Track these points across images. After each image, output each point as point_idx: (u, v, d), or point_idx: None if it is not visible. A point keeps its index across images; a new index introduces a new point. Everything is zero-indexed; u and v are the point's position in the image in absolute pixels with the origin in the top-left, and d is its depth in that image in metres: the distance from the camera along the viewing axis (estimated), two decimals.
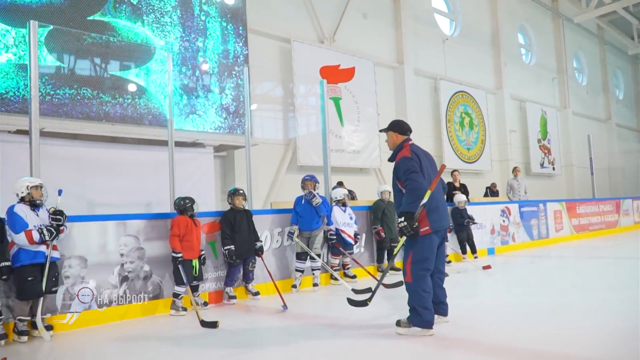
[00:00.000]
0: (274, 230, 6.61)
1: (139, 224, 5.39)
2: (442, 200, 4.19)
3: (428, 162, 4.13)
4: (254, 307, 5.69)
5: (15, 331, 4.38)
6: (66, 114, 7.50)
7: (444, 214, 4.12)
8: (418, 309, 3.94)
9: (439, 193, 4.12)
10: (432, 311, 3.98)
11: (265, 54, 11.83)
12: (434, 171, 4.18)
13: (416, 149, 4.16)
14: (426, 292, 3.96)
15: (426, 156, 4.19)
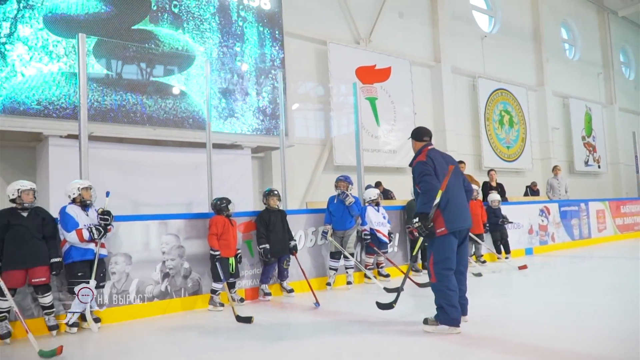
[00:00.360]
0: (308, 229, 6.80)
1: (179, 224, 5.68)
2: (461, 201, 4.21)
3: (447, 165, 4.19)
4: (287, 303, 5.90)
5: (67, 323, 4.72)
6: (112, 119, 7.93)
7: (463, 215, 4.16)
8: (445, 307, 4.06)
9: (457, 194, 4.18)
10: (458, 309, 4.08)
11: (301, 56, 12.06)
12: (456, 176, 4.24)
13: (433, 153, 4.25)
14: (451, 291, 4.06)
15: (445, 159, 4.27)
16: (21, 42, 7.26)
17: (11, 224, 4.41)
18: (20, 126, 7.19)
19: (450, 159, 4.36)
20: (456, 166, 4.30)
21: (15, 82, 7.21)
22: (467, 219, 4.21)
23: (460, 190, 4.26)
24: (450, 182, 4.10)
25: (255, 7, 9.87)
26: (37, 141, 7.90)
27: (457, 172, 4.31)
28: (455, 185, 4.18)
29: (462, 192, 4.27)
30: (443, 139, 14.94)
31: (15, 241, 4.38)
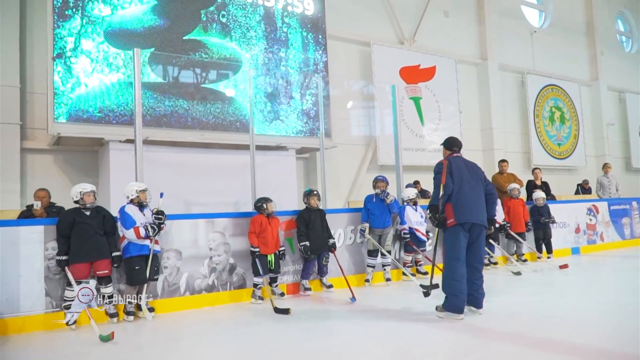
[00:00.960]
0: (347, 228, 7.09)
1: (225, 222, 6.11)
2: (473, 198, 4.68)
3: (467, 170, 4.78)
4: (326, 298, 6.22)
5: (125, 311, 5.23)
6: (166, 124, 8.50)
7: (475, 210, 4.65)
8: (448, 296, 4.61)
9: (470, 192, 4.68)
10: (461, 297, 4.56)
11: (345, 58, 12.33)
12: (476, 180, 4.78)
13: (455, 159, 4.86)
14: (455, 280, 4.56)
15: (466, 165, 4.83)
16: (84, 55, 7.93)
17: (76, 222, 4.95)
18: (83, 132, 7.86)
19: (474, 167, 4.90)
20: (478, 171, 4.89)
21: (80, 92, 7.89)
22: (478, 215, 4.66)
23: (475, 189, 4.73)
24: (464, 180, 4.68)
25: (299, 13, 10.24)
26: (99, 145, 8.57)
27: (477, 175, 4.85)
28: (470, 184, 4.70)
29: (477, 192, 4.74)
30: (490, 137, 14.83)
31: (80, 237, 4.92)
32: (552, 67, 16.87)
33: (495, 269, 7.97)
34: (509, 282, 6.88)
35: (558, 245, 9.38)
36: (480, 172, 4.94)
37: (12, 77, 8.41)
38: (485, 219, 4.74)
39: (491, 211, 4.91)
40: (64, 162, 8.94)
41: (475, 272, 4.75)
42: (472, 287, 4.73)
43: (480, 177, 4.87)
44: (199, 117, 8.82)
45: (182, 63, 8.75)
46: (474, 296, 4.73)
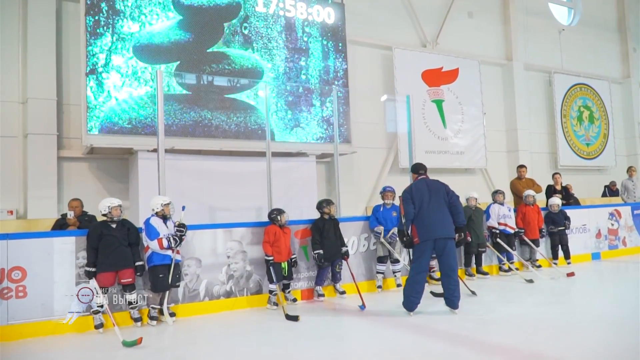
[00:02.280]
0: (360, 235, 7.36)
1: (242, 231, 6.48)
2: (436, 215, 5.48)
3: (429, 190, 5.59)
4: (339, 304, 6.52)
5: (149, 316, 5.66)
6: (191, 134, 8.94)
7: (435, 227, 5.44)
8: (405, 297, 5.59)
9: (430, 212, 5.47)
10: (411, 299, 5.50)
11: (366, 63, 12.54)
12: (438, 197, 5.55)
13: (417, 184, 5.72)
14: (410, 285, 5.53)
15: (428, 186, 5.64)
16: (114, 70, 8.42)
17: (104, 234, 5.40)
18: (114, 143, 8.37)
19: (436, 185, 5.67)
20: (440, 188, 5.64)
21: (111, 106, 8.39)
22: (439, 231, 5.44)
23: (436, 207, 5.49)
24: (424, 201, 5.51)
25: (319, 22, 10.51)
26: (129, 154, 9.08)
27: (438, 193, 5.60)
28: (431, 203, 5.50)
29: (438, 209, 5.49)
30: (514, 138, 14.78)
31: (107, 248, 5.36)
32: (581, 66, 16.62)
33: (507, 277, 8.09)
34: (519, 290, 7.02)
35: (578, 251, 9.41)
36: (443, 188, 5.65)
37: (49, 91, 9.01)
38: (449, 231, 5.48)
39: (458, 220, 5.60)
40: (97, 170, 9.51)
41: (449, 279, 5.49)
42: (447, 291, 5.51)
43: (442, 194, 5.58)
44: (222, 126, 9.22)
45: (206, 74, 9.15)
46: (450, 299, 5.51)
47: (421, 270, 5.55)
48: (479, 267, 8.13)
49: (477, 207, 8.19)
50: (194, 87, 9.11)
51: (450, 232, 5.51)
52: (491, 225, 8.30)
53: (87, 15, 8.34)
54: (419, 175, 5.88)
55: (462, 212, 5.65)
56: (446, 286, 5.53)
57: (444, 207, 5.55)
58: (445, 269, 5.53)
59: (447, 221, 5.51)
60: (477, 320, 5.28)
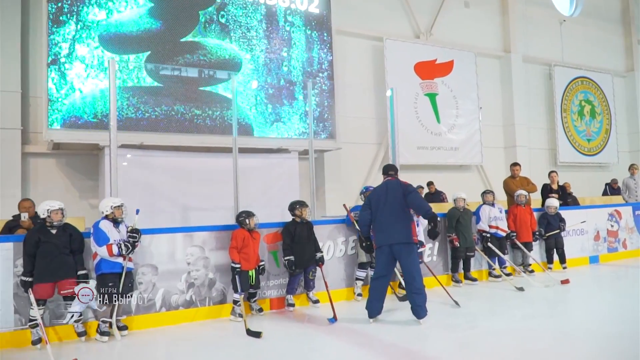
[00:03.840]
0: (337, 239, 6.82)
1: (204, 236, 5.95)
2: (390, 220, 5.27)
3: (387, 194, 5.37)
4: (310, 315, 5.98)
5: (98, 331, 5.12)
6: (163, 128, 8.41)
7: (390, 232, 5.24)
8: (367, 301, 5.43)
9: (385, 215, 5.29)
10: (370, 304, 5.35)
11: (355, 54, 11.98)
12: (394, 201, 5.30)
13: (379, 187, 5.58)
14: (370, 291, 5.41)
15: (387, 189, 5.41)
16: (79, 61, 7.89)
17: (41, 241, 4.87)
18: (77, 139, 7.86)
19: (395, 187, 5.39)
20: (398, 190, 5.35)
21: (74, 98, 7.86)
22: (393, 236, 5.23)
23: (392, 211, 5.27)
24: (380, 206, 5.34)
25: (303, 11, 9.94)
26: (99, 149, 8.56)
27: (395, 196, 5.32)
28: (386, 208, 5.31)
29: (394, 213, 5.26)
30: (512, 134, 14.21)
31: (45, 257, 4.83)
32: (583, 58, 16.01)
33: (497, 282, 7.55)
34: (508, 299, 6.49)
35: (575, 254, 8.86)
36: (400, 190, 5.35)
37: (13, 83, 8.49)
38: (404, 236, 5.21)
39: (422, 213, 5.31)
40: (66, 166, 9.00)
41: (409, 286, 5.24)
42: (409, 299, 5.27)
43: (399, 197, 5.31)
44: (197, 121, 8.69)
45: (179, 66, 8.61)
46: (413, 308, 5.22)
47: (380, 276, 5.37)
48: (467, 272, 7.60)
49: (465, 208, 7.62)
50: (166, 79, 8.57)
51: (405, 237, 5.25)
52: (481, 228, 7.75)
53: (50, 2, 7.79)
54: (387, 176, 5.64)
55: (422, 205, 5.33)
56: (408, 294, 5.31)
57: (401, 211, 5.31)
58: (405, 276, 5.37)
59: (403, 225, 5.28)
60: (454, 340, 4.76)
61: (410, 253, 5.25)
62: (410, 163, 12.32)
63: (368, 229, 5.54)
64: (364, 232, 5.57)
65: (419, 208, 5.28)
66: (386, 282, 5.46)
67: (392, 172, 5.66)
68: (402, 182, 5.48)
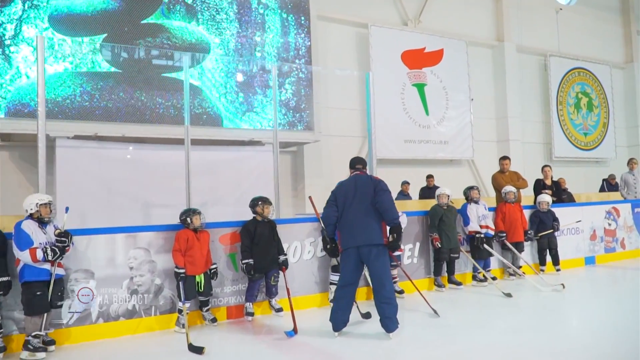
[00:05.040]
0: (305, 240, 6.13)
1: (150, 237, 5.26)
2: (358, 219, 4.62)
3: (355, 190, 4.72)
4: (270, 326, 5.32)
5: (30, 348, 4.38)
6: (121, 118, 7.70)
7: (357, 233, 4.59)
8: (330, 311, 4.77)
9: (352, 216, 4.64)
10: (335, 316, 4.68)
11: (338, 41, 11.29)
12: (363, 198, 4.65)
13: (346, 181, 4.88)
14: (335, 301, 4.77)
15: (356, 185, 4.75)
16: (25, 43, 7.18)
17: None
18: (23, 129, 7.15)
19: (365, 182, 4.75)
20: (368, 186, 4.70)
21: (21, 84, 7.15)
22: (360, 237, 4.59)
23: (360, 210, 4.62)
24: (347, 204, 4.69)
25: None
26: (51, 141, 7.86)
27: (364, 193, 4.68)
28: (354, 206, 4.66)
29: (361, 212, 4.61)
30: (505, 127, 13.56)
31: None
32: (580, 49, 15.36)
33: (484, 287, 6.89)
34: (494, 307, 5.82)
35: (569, 255, 8.22)
36: (371, 185, 4.73)
37: None
38: (374, 237, 4.58)
39: (387, 219, 4.64)
40: (19, 159, 8.30)
41: (378, 295, 4.60)
42: (378, 310, 4.61)
43: (368, 193, 4.68)
44: (159, 110, 7.99)
45: (140, 50, 7.90)
46: (382, 320, 4.59)
47: (346, 283, 4.70)
48: (451, 276, 6.93)
49: (449, 205, 6.94)
50: (125, 64, 7.86)
51: (375, 239, 4.60)
52: (473, 229, 7.04)
53: None
54: (355, 170, 4.98)
55: (390, 209, 4.62)
56: (377, 304, 4.62)
57: (370, 210, 4.66)
58: (374, 283, 4.73)
59: (372, 226, 4.62)
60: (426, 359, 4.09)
61: (380, 257, 4.60)
62: (397, 157, 11.66)
63: (333, 229, 4.83)
64: (329, 231, 4.86)
65: (386, 212, 4.58)
66: (353, 290, 4.78)
67: (359, 165, 5.00)
68: (373, 178, 4.85)
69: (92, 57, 7.53)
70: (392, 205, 4.65)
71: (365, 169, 5.04)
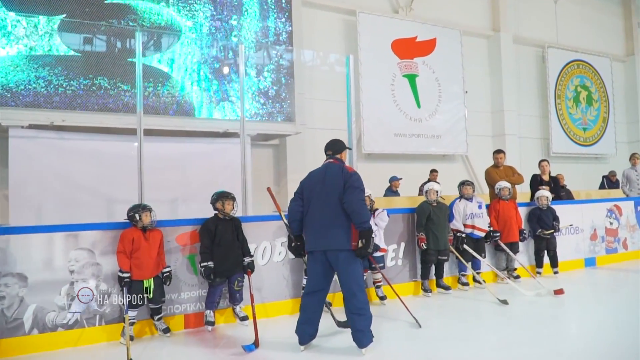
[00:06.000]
0: (275, 240, 5.52)
1: (94, 236, 4.64)
2: (323, 218, 3.98)
3: (324, 182, 4.03)
4: (231, 337, 4.70)
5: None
6: (81, 106, 7.08)
7: (320, 234, 3.97)
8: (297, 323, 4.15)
9: (317, 214, 4.01)
10: (301, 327, 4.08)
11: (324, 29, 10.68)
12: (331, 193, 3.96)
13: (316, 171, 4.23)
14: (301, 311, 4.12)
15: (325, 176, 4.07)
16: None
17: None
18: None
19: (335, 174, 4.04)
20: (337, 179, 4.00)
21: None
22: (324, 240, 3.96)
23: (325, 207, 3.97)
24: (314, 199, 4.05)
25: None
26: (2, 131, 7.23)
27: (333, 187, 3.98)
28: (320, 202, 4.01)
29: (327, 210, 3.96)
30: (501, 121, 12.96)
31: None
32: (579, 41, 14.78)
33: (470, 292, 6.29)
34: (482, 317, 5.23)
35: (568, 256, 7.64)
36: (341, 179, 3.99)
37: None
38: (340, 241, 3.90)
39: (356, 222, 3.88)
40: None
41: (347, 304, 3.99)
42: (349, 322, 4.01)
43: (338, 187, 3.96)
44: (124, 98, 7.35)
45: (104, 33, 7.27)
46: (353, 334, 3.97)
47: (313, 290, 4.09)
48: (440, 280, 6.32)
49: (439, 203, 6.33)
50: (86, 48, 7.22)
51: (341, 243, 3.92)
52: (455, 227, 6.45)
53: None
54: (327, 157, 4.29)
55: (358, 211, 3.87)
56: (347, 315, 4.02)
57: (339, 207, 3.94)
58: (343, 292, 4.06)
59: (339, 227, 3.93)
60: None
61: (350, 262, 3.93)
62: (387, 152, 11.06)
63: (298, 226, 4.19)
64: (293, 229, 4.25)
65: (354, 213, 3.85)
66: (321, 297, 4.14)
67: (330, 151, 4.27)
68: (345, 170, 4.07)
69: (49, 39, 6.88)
70: (361, 205, 3.91)
71: (341, 155, 4.29)
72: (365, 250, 3.85)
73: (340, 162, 4.23)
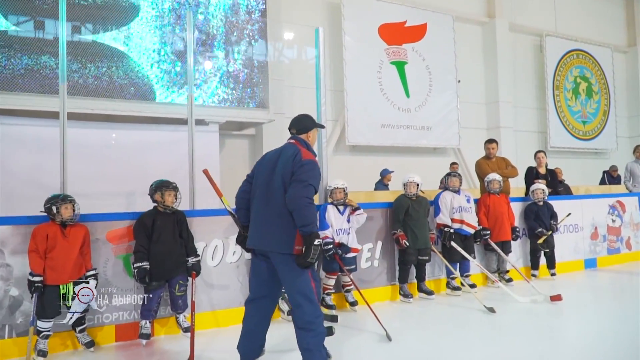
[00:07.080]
0: (229, 237, 4.78)
1: (4, 232, 3.91)
2: (264, 212, 3.23)
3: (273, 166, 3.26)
4: (169, 352, 4.00)
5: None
6: (22, 88, 6.33)
7: (260, 233, 3.25)
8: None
9: (263, 206, 3.25)
10: (243, 341, 3.35)
11: (305, 12, 9.94)
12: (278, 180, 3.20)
13: (271, 152, 3.44)
14: (243, 322, 3.40)
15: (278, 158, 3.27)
16: None
17: None
18: None
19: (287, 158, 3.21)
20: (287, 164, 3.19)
21: None
22: (263, 240, 3.23)
23: (267, 199, 3.22)
24: (258, 187, 3.32)
25: None
26: None
27: (283, 172, 3.18)
28: (263, 191, 3.26)
29: (269, 201, 3.21)
30: (496, 113, 12.26)
31: None
32: (579, 29, 14.11)
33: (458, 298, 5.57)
34: (467, 328, 4.52)
35: (567, 257, 6.98)
36: (291, 165, 3.17)
37: None
38: (279, 242, 3.13)
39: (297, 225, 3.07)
40: None
41: (293, 316, 3.23)
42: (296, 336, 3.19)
43: (285, 175, 3.16)
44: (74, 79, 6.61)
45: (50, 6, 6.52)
46: (301, 352, 3.17)
47: (256, 296, 3.35)
48: (421, 283, 5.60)
49: (419, 196, 5.60)
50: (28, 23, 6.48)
51: (282, 245, 3.14)
52: (442, 222, 5.74)
53: None
54: (290, 136, 3.48)
55: (300, 209, 3.04)
56: (295, 330, 3.21)
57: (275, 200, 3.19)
58: (290, 301, 3.35)
59: (282, 225, 3.14)
60: None
61: (292, 269, 3.14)
62: (373, 144, 10.34)
63: (246, 215, 3.40)
64: (241, 218, 3.44)
65: (294, 213, 3.05)
66: (267, 306, 3.38)
67: (294, 130, 3.45)
68: (300, 155, 3.19)
69: None
70: (304, 204, 3.05)
71: (308, 135, 3.42)
72: (304, 259, 3.03)
73: (303, 144, 3.36)
